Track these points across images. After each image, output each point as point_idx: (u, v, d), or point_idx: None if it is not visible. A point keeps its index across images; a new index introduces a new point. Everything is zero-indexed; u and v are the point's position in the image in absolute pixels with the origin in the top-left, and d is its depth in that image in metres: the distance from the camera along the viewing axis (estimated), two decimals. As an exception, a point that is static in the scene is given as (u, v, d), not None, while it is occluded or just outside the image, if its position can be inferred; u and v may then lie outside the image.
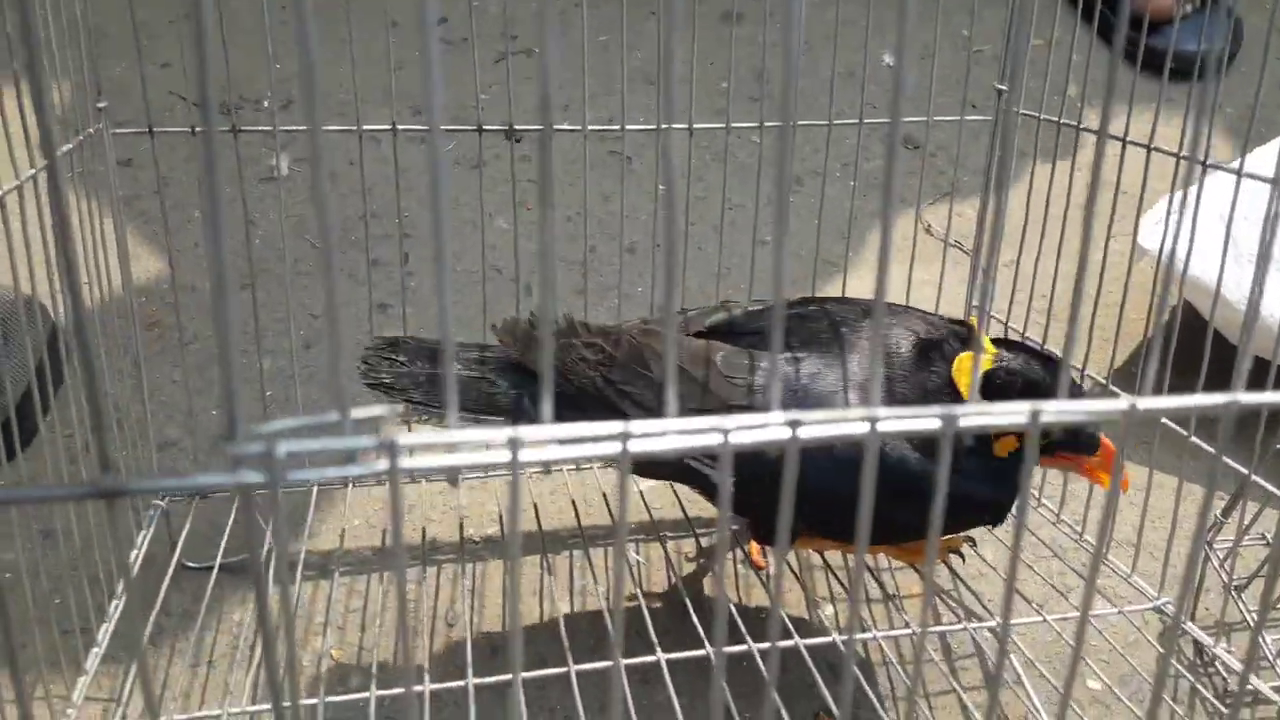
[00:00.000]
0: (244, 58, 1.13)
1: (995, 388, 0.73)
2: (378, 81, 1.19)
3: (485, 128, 0.87)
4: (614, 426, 0.32)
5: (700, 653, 0.75)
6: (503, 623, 0.89)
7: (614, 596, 0.31)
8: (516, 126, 0.86)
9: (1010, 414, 0.34)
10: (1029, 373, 0.74)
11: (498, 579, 0.93)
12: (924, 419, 0.34)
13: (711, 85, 1.32)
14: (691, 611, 0.80)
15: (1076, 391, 0.80)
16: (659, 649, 0.75)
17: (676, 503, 0.95)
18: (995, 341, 0.76)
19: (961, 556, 0.89)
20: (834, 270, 1.15)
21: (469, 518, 0.97)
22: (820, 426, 0.34)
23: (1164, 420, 0.84)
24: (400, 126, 0.85)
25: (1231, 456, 0.89)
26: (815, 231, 0.96)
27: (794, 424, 0.33)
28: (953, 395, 0.75)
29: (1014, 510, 0.75)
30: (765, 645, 0.77)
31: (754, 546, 0.96)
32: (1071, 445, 0.75)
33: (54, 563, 0.85)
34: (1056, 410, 0.34)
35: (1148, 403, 0.35)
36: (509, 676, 0.79)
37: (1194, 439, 0.84)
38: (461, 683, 0.78)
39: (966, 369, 0.75)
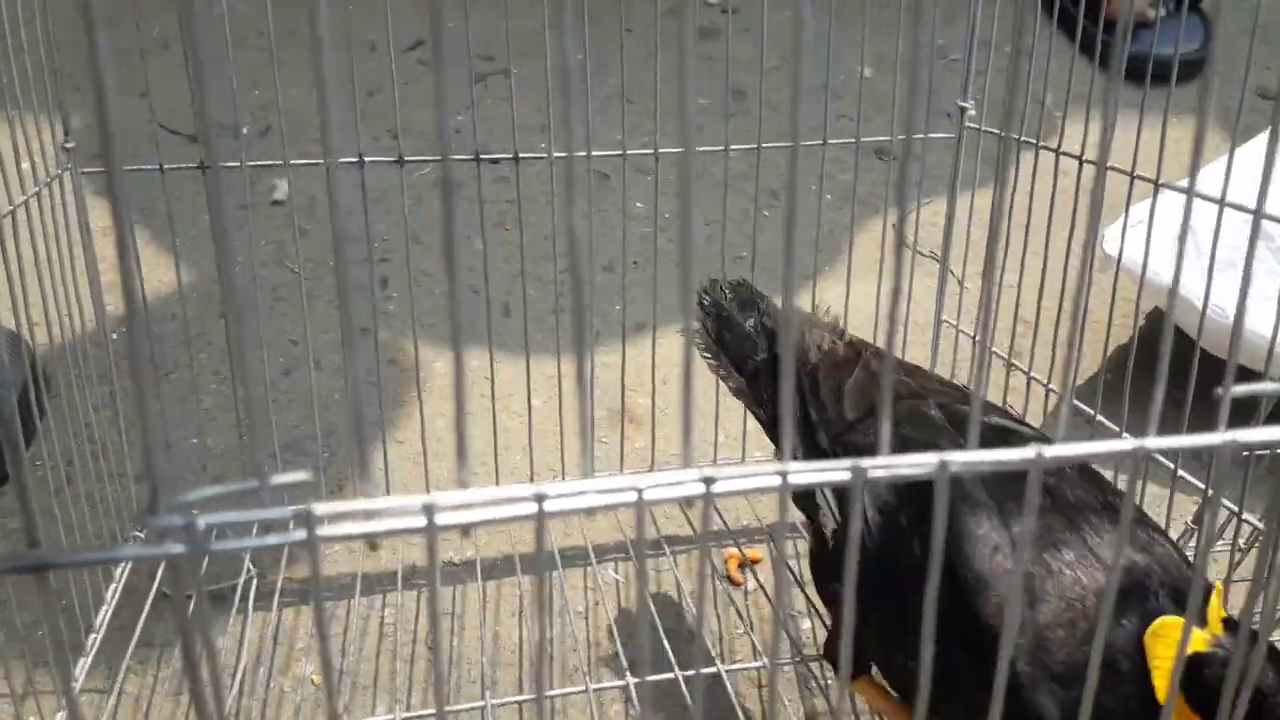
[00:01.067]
0: (218, 84, 1.14)
1: (1201, 683, 0.54)
2: (357, 106, 1.20)
3: (453, 158, 0.88)
4: (529, 489, 0.33)
5: (668, 675, 0.76)
6: (482, 646, 0.90)
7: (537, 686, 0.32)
8: (483, 156, 0.87)
9: (918, 465, 0.35)
10: (1263, 683, 0.53)
11: (477, 602, 0.94)
12: (834, 471, 0.35)
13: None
14: (663, 635, 0.80)
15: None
16: (628, 674, 0.76)
17: (652, 522, 0.96)
18: (1227, 622, 0.56)
19: None
20: (805, 281, 1.15)
21: (448, 540, 0.98)
22: (734, 481, 0.34)
23: (1125, 435, 0.85)
24: (368, 159, 0.86)
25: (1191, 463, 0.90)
26: (786, 243, 0.97)
27: (708, 481, 0.34)
28: (1137, 670, 0.57)
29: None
30: (736, 667, 0.78)
31: (732, 563, 0.97)
32: None
33: (32, 594, 0.86)
34: (964, 460, 0.35)
35: (1155, 443, 0.36)
36: (482, 703, 0.80)
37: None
38: (431, 712, 0.78)
39: (1165, 646, 0.57)
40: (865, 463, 0.34)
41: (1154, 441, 0.36)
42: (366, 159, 0.86)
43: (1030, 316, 1.11)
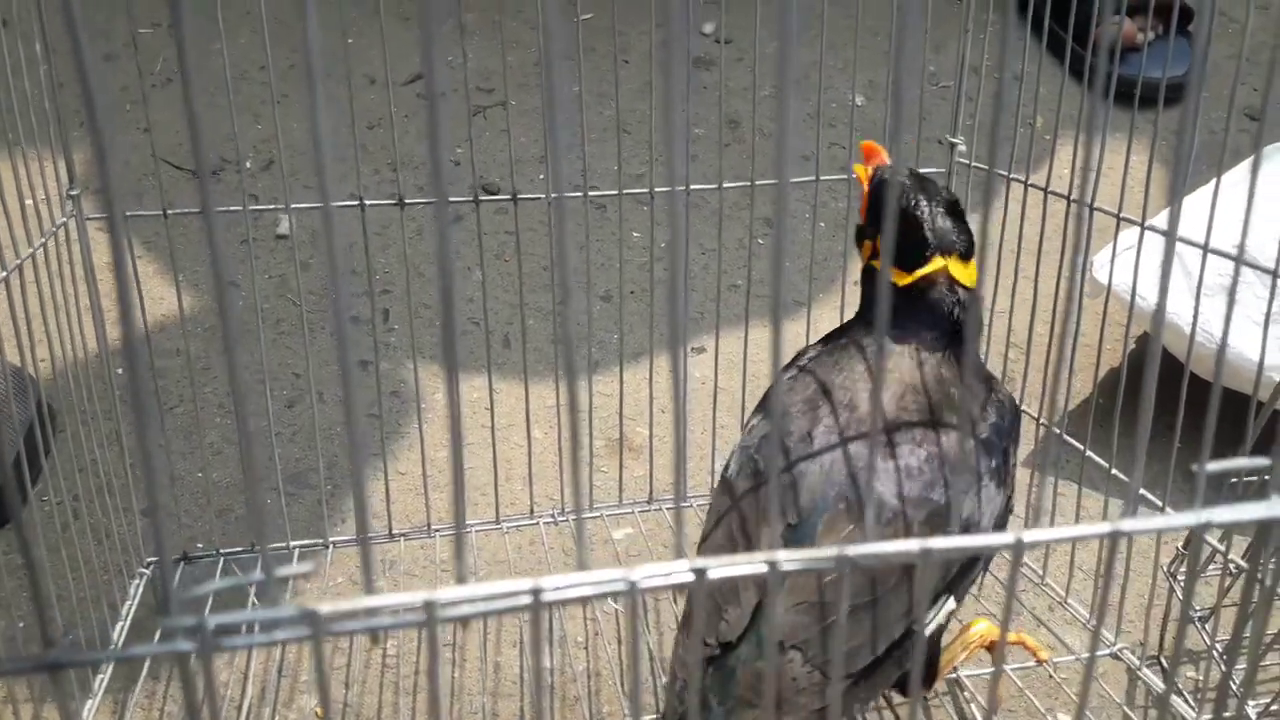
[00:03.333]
0: (222, 117, 1.15)
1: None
2: (358, 139, 1.21)
3: (451, 200, 0.89)
4: (526, 583, 0.34)
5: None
6: (483, 678, 0.91)
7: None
8: (482, 197, 0.89)
9: (903, 549, 0.36)
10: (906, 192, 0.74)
11: (479, 634, 0.95)
12: (821, 560, 0.36)
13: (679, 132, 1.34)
14: (662, 670, 0.82)
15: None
16: (627, 714, 0.77)
17: (649, 552, 0.97)
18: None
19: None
20: (799, 308, 1.17)
21: (448, 571, 0.99)
22: (723, 569, 0.36)
23: (1114, 471, 0.87)
24: (368, 201, 0.87)
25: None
26: (778, 272, 0.98)
27: (699, 571, 0.35)
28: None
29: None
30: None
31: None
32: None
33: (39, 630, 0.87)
34: (945, 546, 0.36)
35: (1131, 524, 0.37)
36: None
37: (1143, 491, 0.86)
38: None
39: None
40: (849, 550, 0.36)
41: (1130, 524, 0.37)
42: (366, 202, 0.87)
43: (1022, 341, 1.12)
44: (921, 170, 0.96)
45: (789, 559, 0.35)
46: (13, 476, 0.34)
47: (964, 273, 0.74)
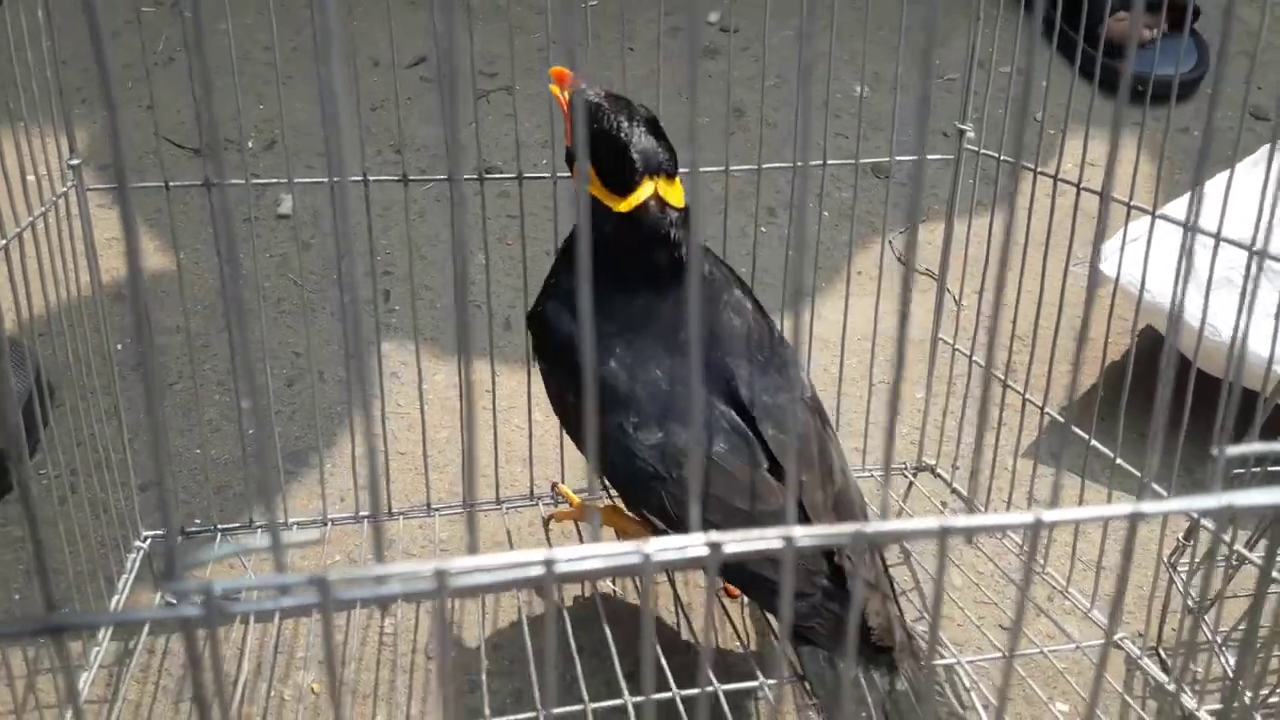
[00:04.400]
0: (226, 97, 1.14)
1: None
2: (361, 121, 1.21)
3: (457, 178, 0.88)
4: (539, 554, 0.34)
5: (667, 695, 0.77)
6: (482, 658, 0.91)
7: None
8: (487, 175, 0.88)
9: (922, 527, 0.36)
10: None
11: (477, 612, 0.95)
12: (837, 536, 0.36)
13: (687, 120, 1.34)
14: (660, 650, 0.81)
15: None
16: (626, 693, 0.77)
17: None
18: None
19: None
20: (803, 298, 1.17)
21: (448, 551, 0.98)
22: (739, 545, 0.35)
23: (1119, 461, 0.86)
24: (372, 177, 0.87)
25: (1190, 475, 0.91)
26: (786, 261, 0.98)
27: (714, 545, 0.35)
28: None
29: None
30: (732, 686, 0.79)
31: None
32: None
33: (37, 604, 0.87)
34: (965, 525, 0.36)
35: (1150, 507, 0.37)
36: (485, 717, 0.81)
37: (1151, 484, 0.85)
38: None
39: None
40: (868, 529, 0.35)
41: (1149, 506, 0.37)
42: (371, 178, 0.87)
43: (1025, 333, 1.12)
44: (930, 157, 0.96)
45: (804, 534, 0.35)
46: (17, 441, 0.34)
47: (672, 192, 0.74)
